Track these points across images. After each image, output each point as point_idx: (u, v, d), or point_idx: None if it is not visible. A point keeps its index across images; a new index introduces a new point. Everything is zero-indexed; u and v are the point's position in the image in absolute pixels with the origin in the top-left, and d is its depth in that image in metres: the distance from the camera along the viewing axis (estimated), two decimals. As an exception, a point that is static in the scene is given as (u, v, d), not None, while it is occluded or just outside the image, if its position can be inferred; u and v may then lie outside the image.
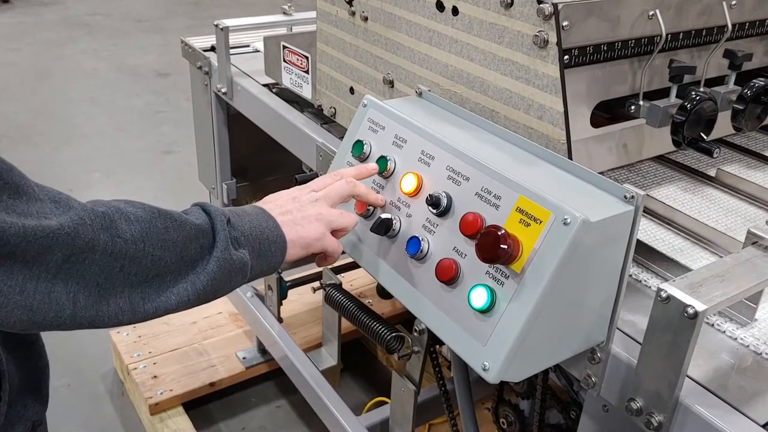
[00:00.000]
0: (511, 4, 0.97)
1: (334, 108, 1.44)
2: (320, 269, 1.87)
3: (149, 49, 5.48)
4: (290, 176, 1.77)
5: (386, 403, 1.79)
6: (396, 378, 1.59)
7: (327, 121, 1.51)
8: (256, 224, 0.90)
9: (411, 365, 1.56)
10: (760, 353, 0.91)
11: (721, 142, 1.42)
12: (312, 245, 0.94)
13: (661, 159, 1.34)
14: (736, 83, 1.17)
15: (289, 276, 2.00)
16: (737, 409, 0.82)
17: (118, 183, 3.57)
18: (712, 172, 1.33)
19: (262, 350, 2.23)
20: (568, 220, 0.77)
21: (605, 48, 0.98)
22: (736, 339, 0.94)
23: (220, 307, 2.45)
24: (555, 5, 0.91)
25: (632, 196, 0.81)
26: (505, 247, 0.79)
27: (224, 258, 0.83)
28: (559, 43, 0.92)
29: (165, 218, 0.80)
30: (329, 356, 1.89)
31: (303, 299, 2.41)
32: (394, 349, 1.44)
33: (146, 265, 0.77)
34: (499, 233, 0.80)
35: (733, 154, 1.45)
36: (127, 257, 0.75)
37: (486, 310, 0.82)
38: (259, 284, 2.08)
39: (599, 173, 1.17)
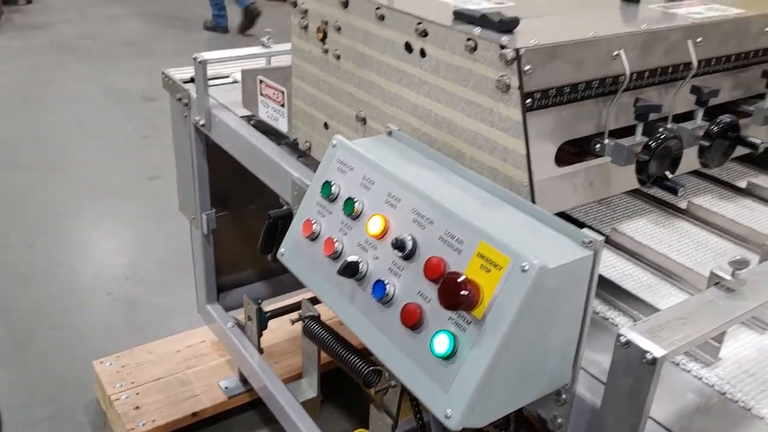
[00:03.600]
0: (476, 48, 0.98)
1: (309, 142, 1.44)
2: (299, 300, 1.88)
3: (137, 73, 5.49)
4: (270, 205, 1.77)
5: (367, 434, 1.79)
6: (374, 411, 1.59)
7: (303, 154, 1.52)
8: None
9: (388, 399, 1.56)
10: (725, 393, 0.92)
11: (695, 172, 1.43)
12: None
13: (634, 191, 1.35)
14: (706, 118, 1.18)
15: (268, 306, 2.00)
16: (700, 453, 0.82)
17: (104, 208, 3.57)
18: (684, 204, 1.34)
19: (244, 380, 2.22)
20: (526, 267, 0.78)
21: (568, 90, 0.99)
22: (701, 379, 0.94)
23: (204, 335, 2.44)
24: (517, 50, 0.92)
25: (591, 242, 0.82)
26: (466, 293, 0.80)
27: None
28: (521, 88, 0.93)
29: None
30: (309, 388, 1.88)
31: (285, 327, 2.40)
32: (372, 383, 1.44)
33: None
34: (459, 280, 0.81)
35: (706, 185, 1.46)
36: None
37: (448, 357, 0.83)
38: (240, 314, 2.08)
39: (567, 210, 1.18)
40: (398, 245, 0.91)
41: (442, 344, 0.83)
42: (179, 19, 7.24)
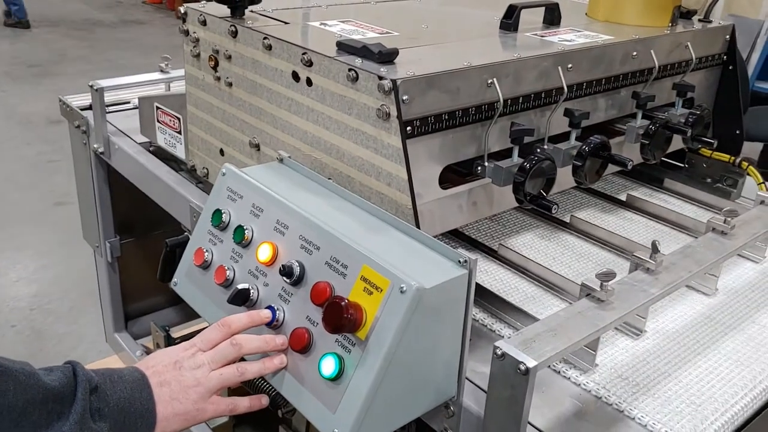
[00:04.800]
0: (357, 78, 1.02)
1: (207, 168, 1.45)
2: (206, 325, 1.87)
3: (41, 96, 5.32)
4: (177, 231, 1.76)
5: (279, 456, 1.79)
6: (283, 433, 1.60)
7: (202, 180, 1.52)
8: (128, 395, 0.86)
9: (297, 420, 1.57)
10: (600, 397, 0.98)
11: (579, 186, 1.51)
12: (194, 419, 0.91)
13: (522, 207, 1.42)
14: (583, 136, 1.26)
15: (178, 332, 1.98)
16: (575, 455, 0.88)
17: (7, 237, 3.44)
18: (568, 218, 1.42)
19: (156, 408, 2.18)
20: (404, 288, 0.82)
21: (447, 117, 1.04)
22: (579, 385, 1.00)
23: (113, 364, 2.38)
24: (394, 81, 0.96)
25: (465, 261, 0.86)
26: (348, 316, 0.83)
27: (76, 430, 0.79)
28: (399, 116, 0.97)
29: (6, 379, 0.76)
30: (221, 412, 1.87)
31: (199, 352, 2.38)
32: (279, 404, 1.45)
33: None
34: (342, 303, 0.84)
35: (589, 199, 1.55)
36: None
37: (335, 378, 0.85)
38: (148, 341, 2.05)
39: (459, 227, 1.24)
40: (286, 272, 0.93)
41: (328, 366, 0.85)
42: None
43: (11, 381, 0.76)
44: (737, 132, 1.57)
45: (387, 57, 1.02)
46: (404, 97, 0.97)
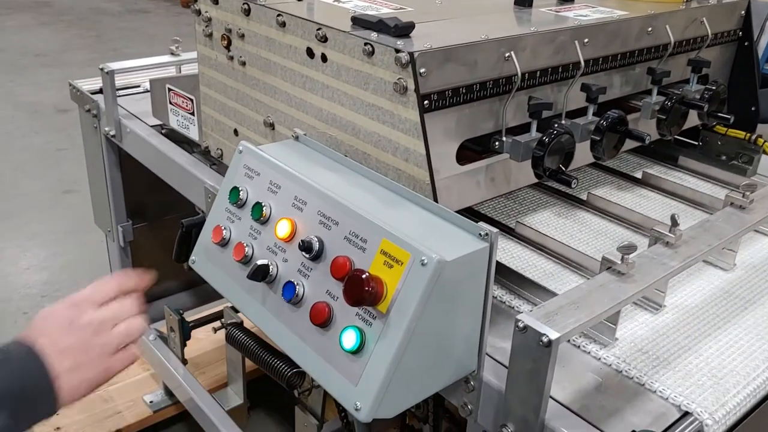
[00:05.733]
0: (373, 52, 1.01)
1: (221, 149, 1.45)
2: (221, 308, 1.87)
3: (48, 85, 5.31)
4: (189, 214, 1.76)
5: (295, 437, 1.80)
6: (299, 413, 1.60)
7: (216, 161, 1.52)
8: (18, 375, 0.81)
9: (312, 400, 1.58)
10: (621, 371, 0.97)
11: (595, 164, 1.51)
12: (99, 381, 0.89)
13: (538, 185, 1.41)
14: (598, 113, 1.25)
15: (192, 316, 1.98)
16: (597, 427, 0.88)
17: (17, 226, 3.45)
18: (584, 196, 1.41)
19: (170, 392, 2.19)
20: (425, 261, 0.81)
21: (464, 91, 1.04)
22: (599, 359, 1.00)
23: (126, 350, 2.39)
24: (411, 54, 0.96)
25: (486, 234, 0.86)
26: (369, 289, 0.83)
27: None
28: (417, 90, 0.97)
29: None
30: (235, 395, 1.88)
31: (212, 337, 2.37)
32: (295, 385, 1.45)
33: None
34: (363, 276, 0.83)
35: (605, 177, 1.54)
36: None
37: (356, 351, 0.85)
38: (162, 326, 2.05)
39: (474, 206, 1.23)
40: (305, 247, 0.93)
41: (349, 339, 0.85)
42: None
43: None
44: (753, 109, 1.56)
45: (403, 30, 1.01)
46: (422, 70, 0.96)
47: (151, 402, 2.20)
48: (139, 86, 1.99)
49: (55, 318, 0.89)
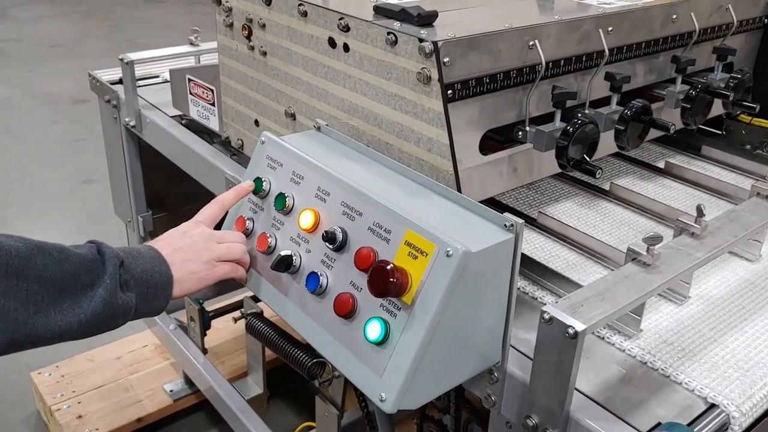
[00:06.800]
0: (396, 42, 1.00)
1: (241, 140, 1.45)
2: (241, 298, 1.87)
3: (65, 75, 5.34)
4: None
5: (314, 427, 1.80)
6: (319, 403, 1.60)
7: (236, 152, 1.52)
8: (148, 267, 0.95)
9: (333, 390, 1.58)
10: (645, 363, 0.97)
11: (617, 154, 1.49)
12: (207, 277, 1.01)
13: (560, 175, 1.40)
14: (621, 103, 1.24)
15: (212, 305, 1.99)
16: (622, 419, 0.87)
17: (36, 216, 3.48)
18: (606, 186, 1.40)
19: (190, 382, 2.21)
20: (450, 252, 0.81)
21: (488, 80, 1.03)
22: (624, 351, 0.99)
23: (146, 340, 2.41)
24: (435, 43, 0.95)
25: (512, 225, 0.85)
26: (394, 280, 0.82)
27: (111, 300, 0.88)
28: (440, 80, 0.96)
29: (45, 255, 0.84)
30: (255, 385, 1.89)
31: (231, 327, 2.40)
32: (315, 375, 1.45)
33: (21, 299, 0.81)
34: (388, 267, 0.83)
35: (627, 167, 1.53)
36: None
37: (381, 342, 0.85)
38: (182, 315, 2.06)
39: (496, 196, 1.22)
40: (329, 238, 0.93)
41: (374, 331, 0.85)
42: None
43: (48, 257, 0.85)
44: (779, 97, 1.54)
45: (426, 19, 1.01)
46: (445, 60, 0.96)
47: (171, 391, 2.22)
48: (158, 76, 2.00)
49: (173, 230, 1.05)
